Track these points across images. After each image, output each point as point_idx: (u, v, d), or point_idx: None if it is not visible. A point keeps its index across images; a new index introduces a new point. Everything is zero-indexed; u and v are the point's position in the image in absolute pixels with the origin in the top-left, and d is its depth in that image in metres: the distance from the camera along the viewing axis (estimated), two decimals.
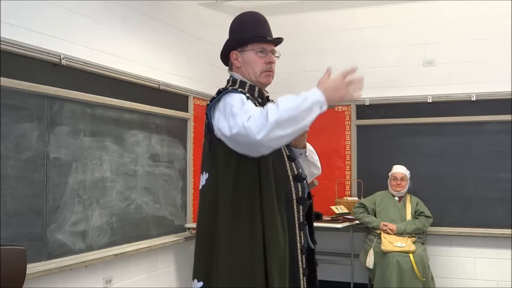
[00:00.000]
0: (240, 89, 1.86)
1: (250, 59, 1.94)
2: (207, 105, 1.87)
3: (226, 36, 2.06)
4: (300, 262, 1.86)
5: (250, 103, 1.76)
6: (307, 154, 2.01)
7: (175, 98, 4.58)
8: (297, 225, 1.86)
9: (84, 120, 3.54)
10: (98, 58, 3.66)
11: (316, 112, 1.66)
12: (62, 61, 3.33)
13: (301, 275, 1.87)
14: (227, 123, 1.70)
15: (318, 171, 2.09)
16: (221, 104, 1.80)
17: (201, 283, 1.83)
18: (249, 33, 1.94)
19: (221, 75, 1.95)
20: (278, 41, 1.98)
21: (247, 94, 1.83)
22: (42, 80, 3.20)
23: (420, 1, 5.10)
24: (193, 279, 1.87)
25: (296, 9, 5.48)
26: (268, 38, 1.95)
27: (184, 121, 4.72)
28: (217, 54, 2.07)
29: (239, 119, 1.64)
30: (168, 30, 4.55)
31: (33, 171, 3.13)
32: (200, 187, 1.90)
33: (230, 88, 1.87)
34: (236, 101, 1.74)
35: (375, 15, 5.27)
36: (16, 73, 3.03)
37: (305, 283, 1.89)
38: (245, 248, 1.75)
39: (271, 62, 1.96)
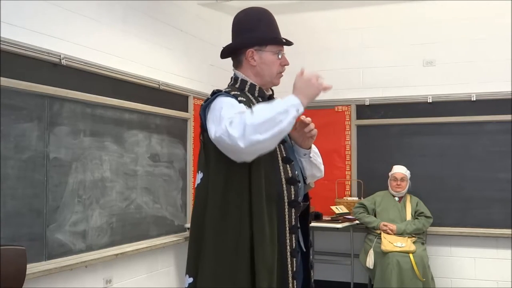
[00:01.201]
0: (233, 93, 1.85)
1: (269, 59, 1.94)
2: (201, 105, 1.88)
3: (226, 36, 2.05)
4: (289, 266, 1.83)
5: (239, 107, 1.76)
6: (311, 155, 2.00)
7: (175, 98, 4.58)
8: (287, 228, 1.83)
9: (84, 120, 3.54)
10: (98, 58, 3.66)
11: (293, 114, 1.68)
12: (62, 61, 3.33)
13: (290, 279, 1.83)
14: (214, 126, 1.72)
15: (320, 174, 2.08)
16: (212, 106, 1.80)
17: (191, 279, 1.84)
18: (268, 33, 1.95)
19: (221, 75, 1.95)
20: (292, 44, 2.01)
21: (240, 98, 1.83)
22: (42, 80, 3.20)
23: (420, 1, 5.10)
24: (185, 274, 1.89)
25: (296, 9, 5.47)
26: (286, 41, 1.98)
27: (184, 121, 4.72)
28: (217, 54, 2.06)
29: (223, 124, 1.65)
30: (168, 30, 4.55)
31: (33, 171, 3.13)
32: (195, 186, 1.91)
33: (224, 90, 1.86)
34: (226, 103, 1.75)
35: (375, 15, 5.27)
36: (16, 73, 3.03)
37: (295, 286, 1.86)
38: (230, 248, 1.76)
39: (286, 65, 1.99)
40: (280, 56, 1.96)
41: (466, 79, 4.92)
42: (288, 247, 1.83)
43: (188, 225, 4.68)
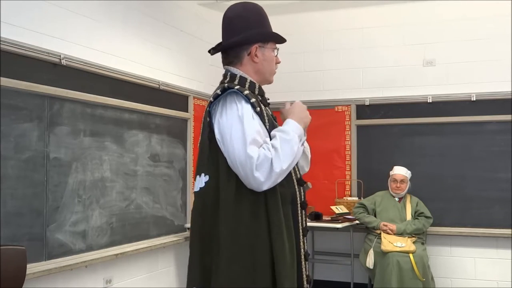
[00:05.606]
0: (246, 92, 1.74)
1: (270, 56, 1.89)
2: (210, 101, 1.76)
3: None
4: (304, 269, 1.79)
5: (258, 125, 1.71)
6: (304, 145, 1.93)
7: (175, 98, 4.58)
8: (301, 230, 1.80)
9: (84, 120, 3.54)
10: (98, 58, 3.66)
11: (299, 142, 1.75)
12: (62, 61, 3.33)
13: (305, 282, 1.79)
14: (235, 154, 1.64)
15: (307, 167, 2.01)
16: (228, 108, 1.71)
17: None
18: (269, 29, 1.89)
19: (221, 75, 1.93)
20: (285, 41, 1.95)
21: (253, 100, 1.72)
22: (42, 80, 3.20)
23: (420, 1, 5.10)
24: None
25: (296, 9, 5.48)
26: (284, 38, 1.91)
27: (184, 121, 4.72)
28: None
29: (249, 163, 1.62)
30: (168, 30, 4.55)
31: (33, 171, 3.13)
32: (197, 189, 1.77)
33: (236, 88, 1.73)
34: (246, 120, 1.67)
35: (375, 15, 5.27)
36: (16, 73, 3.03)
37: None
38: (247, 249, 1.67)
39: (279, 63, 1.95)
40: (276, 54, 1.92)
41: (466, 79, 4.92)
42: (302, 250, 1.79)
43: (188, 225, 4.67)
